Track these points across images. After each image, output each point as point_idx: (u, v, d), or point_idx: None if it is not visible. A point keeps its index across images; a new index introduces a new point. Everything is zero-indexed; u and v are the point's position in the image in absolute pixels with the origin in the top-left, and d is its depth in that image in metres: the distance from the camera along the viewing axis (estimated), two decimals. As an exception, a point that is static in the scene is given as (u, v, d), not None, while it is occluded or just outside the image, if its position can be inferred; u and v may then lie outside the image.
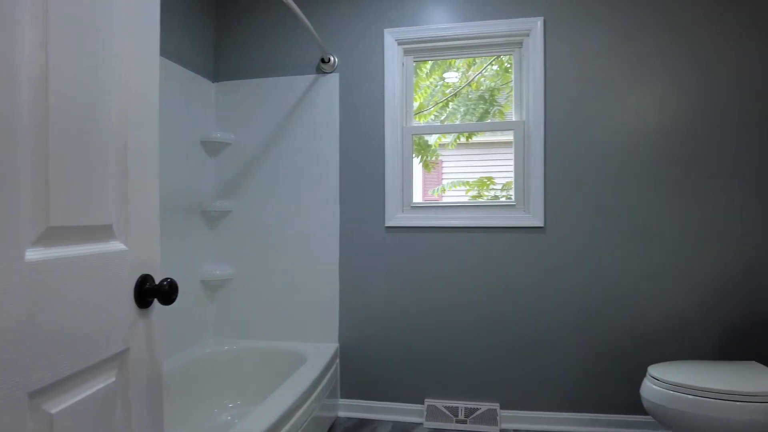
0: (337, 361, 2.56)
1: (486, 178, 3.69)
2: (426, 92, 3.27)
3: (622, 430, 2.30)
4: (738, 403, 1.68)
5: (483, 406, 2.39)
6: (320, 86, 2.61)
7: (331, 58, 2.59)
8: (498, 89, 3.15)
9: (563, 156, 2.37)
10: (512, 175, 2.51)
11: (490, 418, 2.37)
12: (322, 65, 2.60)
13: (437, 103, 3.31)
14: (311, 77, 2.62)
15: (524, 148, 2.46)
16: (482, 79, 3.24)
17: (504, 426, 2.38)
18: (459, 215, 2.49)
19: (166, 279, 0.89)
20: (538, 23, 2.40)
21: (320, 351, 2.44)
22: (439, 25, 2.50)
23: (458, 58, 2.67)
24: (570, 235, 2.37)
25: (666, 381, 1.79)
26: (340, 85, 2.60)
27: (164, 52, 2.29)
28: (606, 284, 2.34)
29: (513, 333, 2.41)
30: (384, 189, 2.55)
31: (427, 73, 3.27)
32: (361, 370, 2.55)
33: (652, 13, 2.30)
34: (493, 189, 3.68)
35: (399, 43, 2.55)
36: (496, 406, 2.39)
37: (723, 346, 2.26)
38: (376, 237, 2.54)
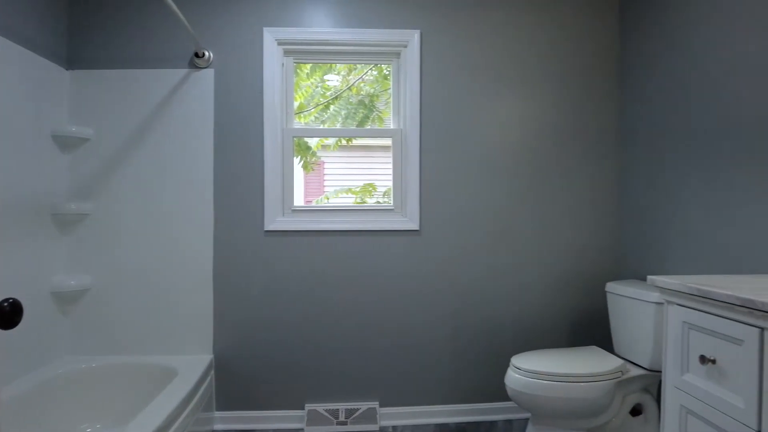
0: (212, 373, 2.43)
1: (369, 184, 3.76)
2: (307, 92, 3.24)
3: (491, 417, 2.50)
4: (582, 384, 1.92)
5: (363, 406, 2.44)
6: (193, 82, 2.46)
7: (206, 53, 2.46)
8: (377, 95, 3.24)
9: (436, 162, 2.51)
10: (392, 180, 2.59)
11: (369, 416, 2.43)
12: (195, 60, 2.45)
13: (318, 105, 3.30)
14: (183, 71, 2.46)
15: (402, 154, 2.56)
16: (362, 84, 3.30)
17: (383, 423, 2.45)
18: (340, 219, 2.52)
19: (7, 299, 0.77)
20: (415, 35, 2.51)
21: (192, 364, 2.30)
22: (321, 28, 2.50)
23: (338, 63, 2.69)
24: (442, 237, 2.51)
25: (525, 369, 1.98)
26: (215, 82, 2.47)
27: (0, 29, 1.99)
28: (474, 282, 2.52)
29: (391, 333, 2.49)
30: (263, 192, 2.48)
31: (307, 74, 3.25)
32: (238, 381, 2.45)
33: (511, 34, 2.54)
34: (375, 195, 3.77)
35: (279, 43, 2.50)
36: (375, 404, 2.45)
37: (572, 334, 2.56)
38: (254, 242, 2.46)
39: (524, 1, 2.55)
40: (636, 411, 2.09)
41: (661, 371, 2.02)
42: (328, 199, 3.70)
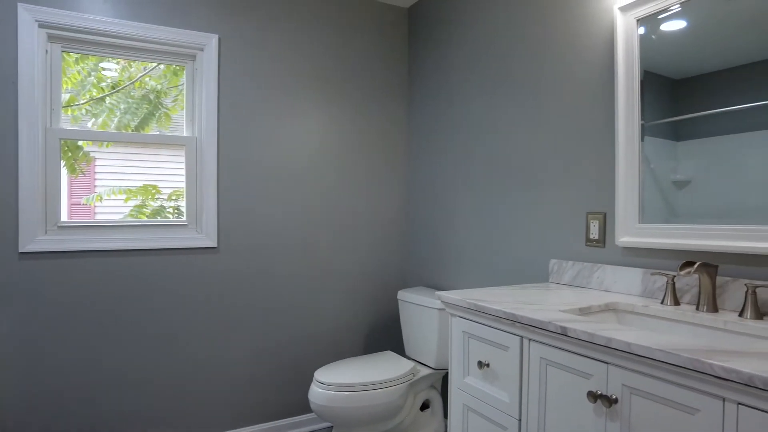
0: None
1: (151, 186, 3.38)
2: (74, 80, 2.76)
3: (302, 428, 2.51)
4: (380, 390, 2.06)
5: (153, 445, 2.19)
6: None
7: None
8: (165, 92, 2.94)
9: (236, 175, 2.41)
10: (179, 180, 2.38)
11: (161, 455, 2.19)
12: None
13: (93, 98, 2.84)
14: None
15: (197, 165, 2.38)
16: (148, 78, 2.96)
17: (177, 460, 2.24)
18: (123, 236, 2.21)
19: None
20: (213, 40, 2.36)
21: None
22: (101, 17, 2.16)
23: (121, 58, 2.36)
24: (241, 253, 2.42)
25: (329, 383, 2.04)
26: (-57, 64, 1.93)
27: None
28: (274, 298, 2.49)
29: (189, 358, 2.29)
30: (17, 205, 2.03)
31: (77, 59, 2.77)
32: (-19, 441, 1.96)
33: (313, 50, 2.58)
34: (159, 198, 3.41)
35: (42, 26, 2.08)
36: (168, 440, 2.23)
37: (368, 340, 2.72)
38: (4, 267, 2.00)
39: (327, 22, 2.61)
40: (424, 405, 2.32)
41: (444, 369, 2.29)
42: (100, 198, 3.21)
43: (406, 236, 2.85)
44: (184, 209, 2.39)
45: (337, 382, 2.03)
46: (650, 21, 1.50)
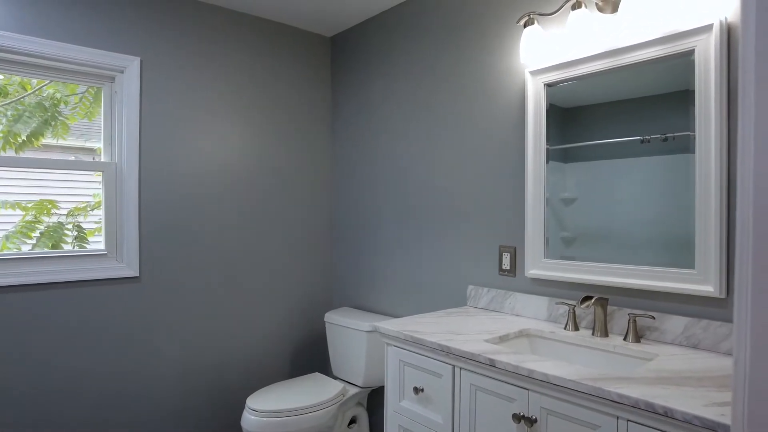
0: None
1: (48, 201, 3.14)
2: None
3: (218, 459, 2.49)
4: (312, 413, 2.15)
5: (69, 488, 2.08)
6: None
7: None
8: (65, 100, 2.76)
9: (157, 201, 2.35)
10: (80, 196, 2.29)
11: (79, 498, 2.08)
12: None
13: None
14: None
15: (116, 191, 2.29)
16: (43, 84, 2.76)
17: (97, 501, 2.14)
18: (36, 269, 2.07)
19: None
20: (135, 62, 2.29)
21: None
22: (12, 33, 2.01)
23: (29, 77, 2.21)
24: (165, 282, 2.37)
25: (261, 410, 2.08)
26: None
27: None
28: (205, 325, 2.47)
29: (110, 396, 2.20)
30: None
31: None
32: None
33: (237, 74, 2.60)
34: (56, 214, 3.17)
35: (-65, 40, 1.90)
36: (86, 481, 2.12)
37: (295, 362, 2.79)
38: None
39: (252, 48, 2.64)
40: (351, 421, 2.45)
41: (370, 387, 2.43)
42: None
43: (332, 259, 2.96)
44: (85, 226, 2.28)
45: (270, 408, 2.09)
46: (551, 80, 1.77)
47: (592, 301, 1.48)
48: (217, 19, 2.53)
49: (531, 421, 1.25)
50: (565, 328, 1.65)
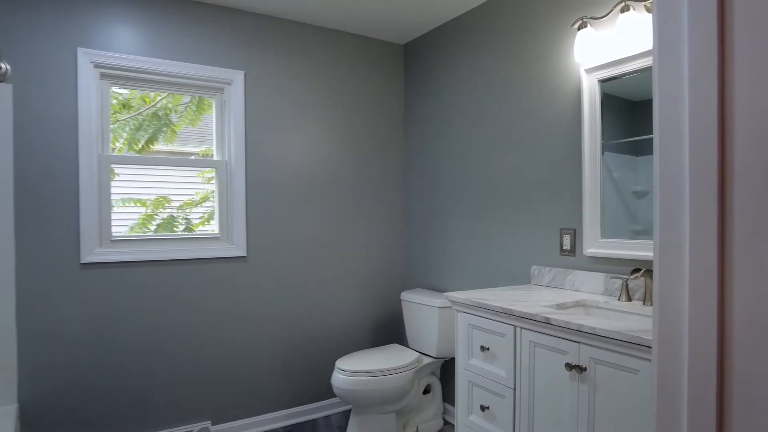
0: (18, 425, 2.19)
1: (162, 197, 3.68)
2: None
3: (312, 416, 2.88)
4: (392, 375, 2.46)
5: (195, 428, 2.54)
6: (-12, 100, 2.18)
7: (2, 66, 2.20)
8: (176, 109, 3.23)
9: (261, 192, 2.77)
10: (191, 192, 2.72)
11: (202, 437, 2.54)
12: (-10, 75, 2.18)
13: (118, 120, 3.13)
14: (-26, 87, 2.15)
15: (227, 186, 2.73)
16: (157, 96, 3.25)
17: (216, 440, 2.60)
18: (165, 248, 2.55)
19: None
20: (240, 75, 2.72)
21: (-2, 417, 2.06)
22: (144, 57, 2.50)
23: (159, 92, 2.69)
24: (266, 261, 2.79)
25: (348, 370, 2.43)
26: (14, 99, 2.24)
27: None
28: (299, 299, 2.87)
29: (220, 354, 2.65)
30: (78, 222, 2.35)
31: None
32: (52, 427, 2.27)
33: (325, 83, 2.98)
34: (169, 209, 3.70)
35: (96, 66, 2.41)
36: (207, 424, 2.57)
37: (374, 335, 3.13)
38: (68, 276, 2.32)
39: (333, 57, 3.01)
40: (426, 390, 2.74)
41: (443, 358, 2.70)
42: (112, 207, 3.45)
43: (406, 244, 3.27)
44: (192, 219, 2.72)
45: (356, 369, 2.42)
46: (608, 76, 1.96)
47: (641, 272, 1.67)
48: (303, 34, 2.91)
49: (581, 369, 1.48)
50: (618, 299, 1.84)
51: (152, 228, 2.74)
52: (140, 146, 2.89)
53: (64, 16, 2.32)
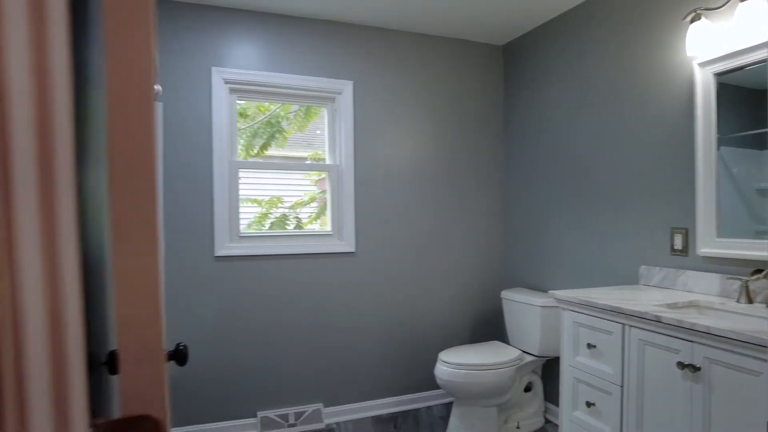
0: (167, 392, 2.57)
1: (275, 197, 4.02)
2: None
3: (415, 405, 3.03)
4: (491, 371, 2.53)
5: (309, 408, 2.79)
6: (144, 117, 2.58)
7: (157, 87, 2.59)
8: (287, 116, 3.52)
9: (368, 193, 2.97)
10: (301, 194, 2.97)
11: (315, 417, 2.78)
12: (147, 96, 2.57)
13: (239, 129, 3.48)
14: (134, 106, 2.56)
15: (338, 187, 2.96)
16: (272, 106, 3.56)
17: (328, 421, 2.83)
18: (284, 243, 2.83)
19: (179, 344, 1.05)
20: (349, 85, 2.93)
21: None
22: (265, 72, 2.79)
23: (278, 102, 2.98)
24: (374, 256, 2.98)
25: (451, 362, 2.53)
26: (164, 115, 2.62)
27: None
28: (399, 294, 3.03)
29: (331, 342, 2.88)
30: (213, 220, 2.69)
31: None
32: (188, 396, 2.63)
33: (423, 86, 3.11)
34: (281, 208, 4.03)
35: (226, 82, 2.74)
36: (320, 405, 2.82)
37: (474, 332, 3.21)
38: (205, 267, 2.66)
39: (433, 62, 3.13)
40: (527, 388, 2.77)
41: (545, 357, 2.72)
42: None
43: (504, 245, 3.31)
44: (302, 219, 2.96)
45: (459, 362, 2.52)
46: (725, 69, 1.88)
47: (763, 273, 1.60)
48: (405, 42, 3.06)
49: (695, 368, 1.46)
50: (737, 301, 1.76)
51: (266, 225, 3.03)
52: (255, 152, 3.21)
53: (201, 39, 2.67)
